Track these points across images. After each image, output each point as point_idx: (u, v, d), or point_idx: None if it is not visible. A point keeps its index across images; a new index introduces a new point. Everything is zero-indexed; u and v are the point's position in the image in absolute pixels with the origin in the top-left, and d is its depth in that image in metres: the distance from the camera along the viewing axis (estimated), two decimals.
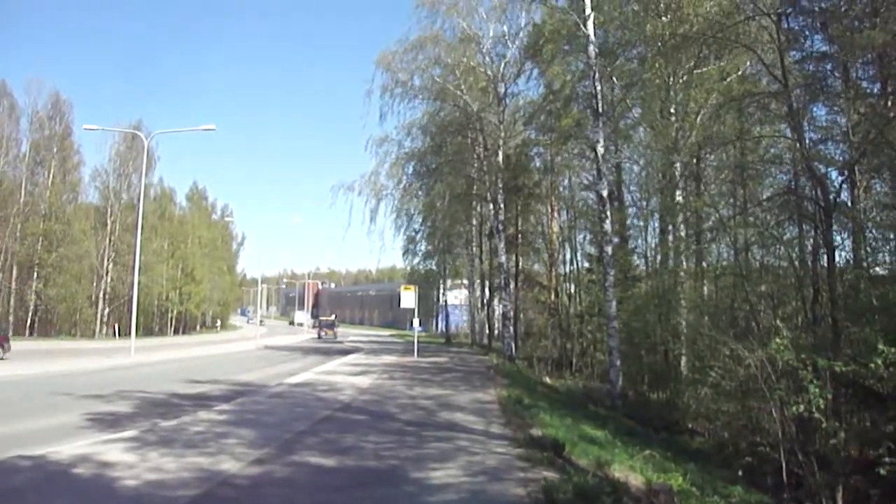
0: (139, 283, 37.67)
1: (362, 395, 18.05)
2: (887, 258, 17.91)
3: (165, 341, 57.53)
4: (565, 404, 19.97)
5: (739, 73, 22.80)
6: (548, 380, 28.15)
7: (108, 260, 61.68)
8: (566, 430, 13.09)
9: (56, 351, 35.72)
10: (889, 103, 17.69)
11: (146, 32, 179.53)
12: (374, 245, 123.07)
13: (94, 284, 60.73)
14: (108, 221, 62.27)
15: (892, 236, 17.37)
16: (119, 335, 57.70)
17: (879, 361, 11.62)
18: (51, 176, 58.02)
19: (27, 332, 53.83)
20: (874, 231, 17.91)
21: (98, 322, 60.70)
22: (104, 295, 61.10)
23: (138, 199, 39.04)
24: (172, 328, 79.24)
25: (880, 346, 11.64)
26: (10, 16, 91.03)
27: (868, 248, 18.04)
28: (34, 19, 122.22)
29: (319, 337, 66.13)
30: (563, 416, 15.40)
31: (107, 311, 61.49)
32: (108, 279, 61.55)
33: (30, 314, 55.40)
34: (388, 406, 15.89)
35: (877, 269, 17.82)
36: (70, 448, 9.59)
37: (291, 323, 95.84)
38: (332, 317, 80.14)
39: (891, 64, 17.65)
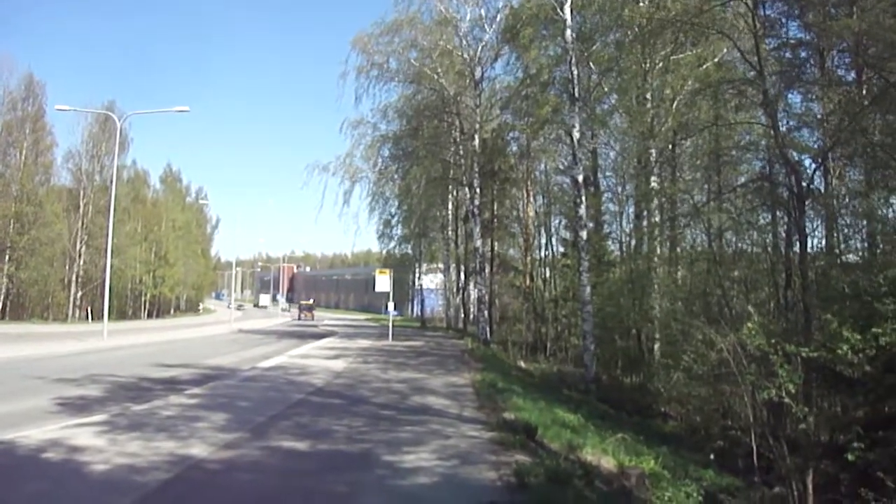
0: (112, 266, 37.28)
1: (336, 378, 18.01)
2: (859, 245, 18.08)
3: (139, 325, 57.24)
4: (539, 388, 20.04)
5: (716, 59, 22.84)
6: (522, 364, 28.19)
7: (80, 243, 60.92)
8: (539, 414, 13.13)
9: (28, 335, 35.32)
10: (864, 91, 17.81)
11: (120, 13, 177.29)
12: (349, 228, 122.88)
13: (67, 267, 60.05)
14: (81, 204, 61.40)
15: (863, 224, 17.52)
16: (92, 319, 57.11)
17: (846, 348, 11.73)
18: (23, 157, 56.90)
19: None
20: (846, 218, 18.06)
21: (71, 305, 60.03)
22: (77, 278, 60.43)
23: (111, 182, 38.59)
24: (146, 312, 78.64)
25: (846, 333, 11.74)
26: None
27: (840, 236, 18.20)
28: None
29: (299, 318, 74.44)
30: (536, 400, 15.44)
31: (80, 294, 60.80)
32: (81, 262, 60.82)
33: (1, 298, 54.61)
34: (362, 390, 15.86)
35: (848, 256, 17.99)
36: (40, 432, 9.47)
37: (255, 305, 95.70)
38: (311, 301, 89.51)
39: (867, 52, 17.74)
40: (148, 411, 11.79)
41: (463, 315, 50.78)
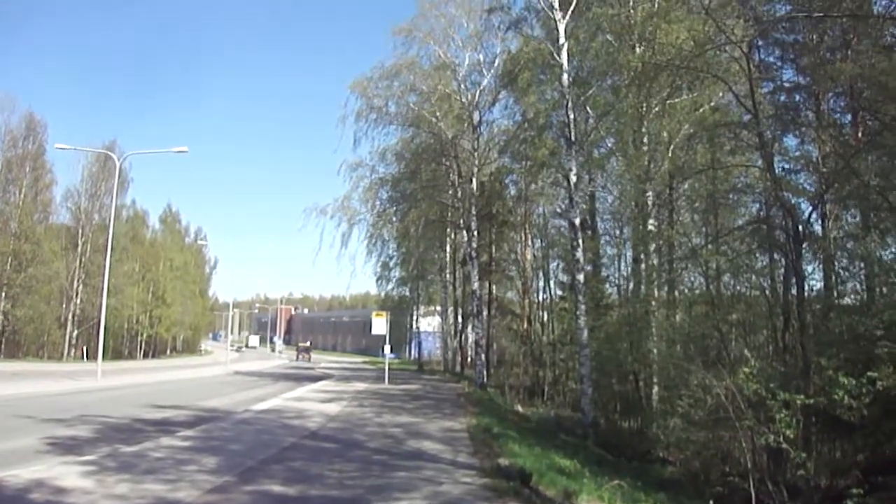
0: (109, 305, 37.13)
1: (330, 422, 17.80)
2: (856, 288, 18.03)
3: (134, 365, 56.86)
4: (536, 433, 19.85)
5: (711, 103, 23.00)
6: (519, 408, 28.02)
7: (78, 281, 60.93)
8: (535, 460, 12.97)
9: (22, 373, 35.06)
10: (859, 134, 17.91)
11: (122, 54, 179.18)
12: (345, 270, 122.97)
13: (64, 306, 60.00)
14: (79, 242, 61.61)
15: (860, 266, 17.49)
16: (87, 358, 56.89)
17: (842, 393, 11.64)
18: (22, 195, 57.27)
19: None
20: (843, 261, 18.04)
21: (66, 344, 59.86)
22: (73, 317, 60.34)
23: (110, 221, 38.60)
24: (142, 352, 78.32)
25: (842, 379, 11.66)
26: None
27: (837, 278, 18.17)
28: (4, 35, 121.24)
29: (297, 359, 79.12)
30: (532, 445, 15.28)
31: (75, 333, 60.67)
32: (78, 301, 60.75)
33: None
34: (356, 434, 15.66)
35: (846, 298, 17.94)
36: (27, 472, 9.33)
37: (245, 346, 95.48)
38: (308, 343, 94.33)
39: (861, 95, 17.87)
40: (138, 453, 11.61)
41: (460, 358, 50.54)
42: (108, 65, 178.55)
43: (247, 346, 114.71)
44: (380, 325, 34.48)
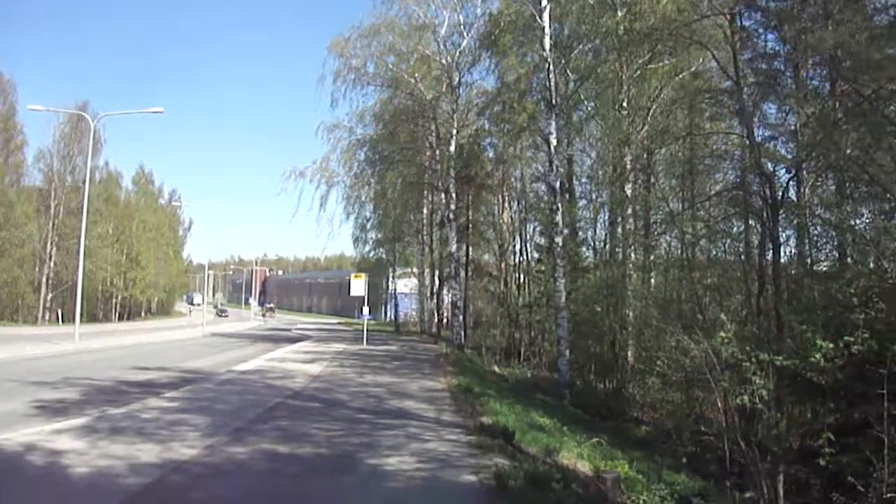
0: (84, 268, 36.89)
1: (313, 382, 18.03)
2: (829, 255, 18.38)
3: (110, 327, 56.70)
4: (514, 393, 20.16)
5: (692, 69, 23.13)
6: (496, 369, 28.32)
7: (51, 244, 60.31)
8: (515, 418, 13.28)
9: None
10: (837, 104, 18.12)
11: (96, 13, 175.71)
12: (324, 232, 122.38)
13: (37, 269, 59.44)
14: (52, 205, 60.84)
15: (834, 234, 17.81)
16: (62, 321, 56.57)
17: (819, 356, 11.95)
18: None
19: None
20: (818, 228, 18.35)
21: (41, 308, 59.44)
22: (47, 280, 59.83)
23: (83, 183, 38.26)
24: (117, 314, 77.90)
25: (819, 342, 11.97)
26: None
27: (812, 245, 18.50)
28: None
29: (264, 316, 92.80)
30: (512, 405, 15.58)
31: (50, 296, 60.20)
32: (52, 264, 60.21)
33: None
34: (340, 394, 15.89)
35: (820, 265, 18.29)
36: (19, 436, 9.45)
37: (220, 314, 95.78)
38: (272, 304, 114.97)
39: (841, 66, 18.05)
40: (126, 414, 11.77)
41: (437, 320, 50.84)
42: (79, 26, 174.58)
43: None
44: (358, 286, 34.62)
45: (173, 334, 46.50)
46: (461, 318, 37.99)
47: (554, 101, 24.50)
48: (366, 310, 37.16)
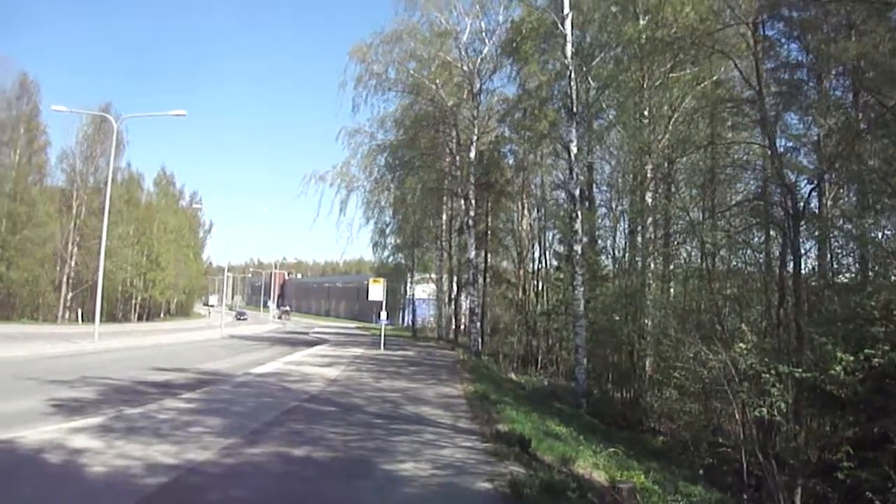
0: (104, 268, 37.13)
1: (330, 386, 18.05)
2: (851, 267, 18.23)
3: (129, 328, 57.01)
4: (531, 401, 20.11)
5: (714, 78, 23.03)
6: (513, 376, 28.27)
7: (72, 244, 60.75)
8: (532, 426, 13.23)
9: (18, 335, 35.16)
10: (860, 115, 17.99)
11: (119, 16, 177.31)
12: (343, 236, 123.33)
13: (58, 268, 59.87)
14: (74, 205, 61.35)
15: (855, 246, 17.67)
16: (82, 320, 56.98)
17: (839, 369, 11.86)
18: (17, 157, 56.95)
19: None
20: (840, 240, 18.21)
21: (61, 307, 59.86)
22: (68, 279, 60.26)
23: (105, 183, 38.53)
24: (136, 315, 78.36)
25: (840, 354, 11.87)
26: None
27: (833, 257, 18.36)
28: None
29: (280, 318, 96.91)
30: (528, 413, 15.54)
31: (70, 295, 60.62)
32: (73, 263, 60.64)
33: None
34: (356, 398, 15.89)
35: (841, 277, 18.15)
36: (37, 434, 9.49)
37: (239, 317, 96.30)
38: (287, 307, 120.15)
39: (864, 76, 17.93)
40: (143, 415, 11.81)
41: (454, 326, 50.76)
42: (103, 28, 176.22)
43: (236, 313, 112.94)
44: (377, 291, 34.65)
45: (192, 336, 46.73)
46: (479, 324, 37.92)
47: (575, 109, 24.46)
48: (383, 315, 37.20)
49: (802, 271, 17.29)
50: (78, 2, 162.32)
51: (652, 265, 24.42)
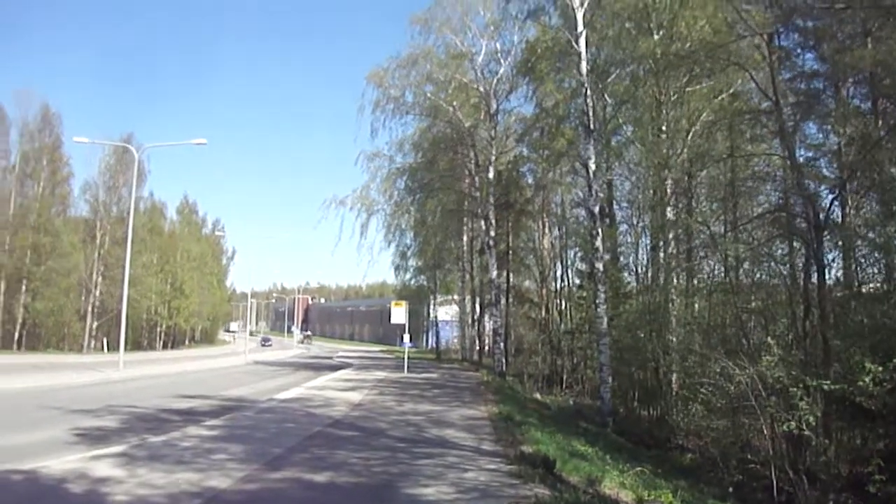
0: (128, 296, 37.38)
1: (353, 410, 17.97)
2: (876, 276, 17.99)
3: (154, 356, 57.30)
4: (556, 421, 19.94)
5: (731, 90, 22.92)
6: (538, 396, 28.08)
7: (97, 273, 61.17)
8: (557, 447, 13.10)
9: (44, 365, 35.39)
10: (880, 122, 17.83)
11: (140, 45, 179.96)
12: (364, 260, 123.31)
13: (83, 298, 60.26)
14: (98, 235, 61.81)
15: (880, 255, 17.45)
16: (108, 349, 57.35)
17: (868, 380, 11.67)
18: (40, 188, 57.69)
19: (14, 346, 53.48)
20: (864, 249, 17.99)
21: (87, 336, 60.20)
22: (93, 308, 60.64)
23: (128, 213, 38.87)
24: (161, 342, 78.81)
25: (868, 365, 11.68)
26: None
27: (858, 267, 18.12)
28: (24, 30, 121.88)
29: (302, 342, 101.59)
30: (553, 433, 15.39)
31: (95, 324, 60.98)
32: (97, 293, 61.04)
33: (17, 328, 54.88)
34: (379, 422, 15.80)
35: (867, 287, 17.91)
36: (60, 463, 9.53)
37: (264, 343, 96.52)
38: (308, 332, 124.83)
39: (882, 83, 17.78)
40: (166, 442, 11.81)
41: (478, 347, 50.61)
42: (122, 57, 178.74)
43: (261, 339, 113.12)
44: (399, 314, 34.59)
45: (217, 362, 46.88)
46: (502, 345, 37.76)
47: (592, 126, 24.40)
48: (406, 337, 37.15)
49: (828, 282, 17.09)
50: (94, 31, 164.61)
51: (675, 280, 24.21)
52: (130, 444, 11.48)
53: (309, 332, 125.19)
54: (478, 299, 51.05)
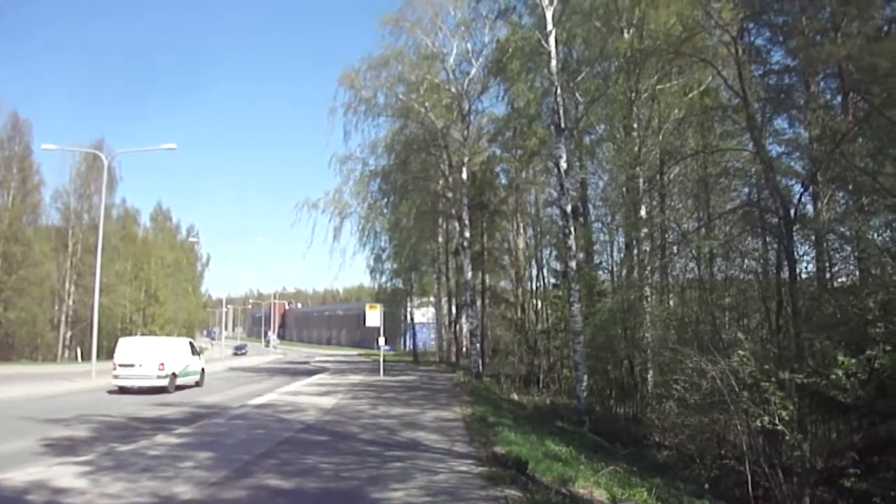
0: (101, 305, 36.93)
1: (325, 415, 17.81)
2: (848, 269, 18.07)
3: None
4: (531, 421, 19.85)
5: (701, 87, 22.98)
6: (515, 396, 27.98)
7: (69, 282, 60.52)
8: (530, 447, 13.00)
9: (17, 375, 34.80)
10: (850, 116, 17.91)
11: (108, 50, 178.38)
12: (337, 264, 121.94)
13: (56, 307, 59.63)
14: (70, 243, 61.06)
15: (853, 247, 17.52)
16: (82, 359, 56.64)
17: (840, 372, 11.66)
18: (10, 197, 56.95)
19: None
20: (835, 243, 18.05)
21: (60, 346, 59.53)
22: (66, 318, 59.96)
23: (99, 220, 38.38)
24: None
25: (840, 357, 11.68)
26: None
27: (829, 260, 18.19)
28: None
29: (267, 345, 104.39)
30: (528, 433, 15.29)
31: (69, 334, 60.30)
32: (70, 302, 60.39)
33: None
34: (351, 426, 15.66)
35: (838, 280, 17.98)
36: (23, 474, 9.36)
37: (238, 352, 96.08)
38: (276, 336, 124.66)
39: (850, 77, 17.87)
40: (134, 451, 11.62)
41: (455, 348, 50.50)
42: (94, 65, 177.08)
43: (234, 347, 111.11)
44: (374, 317, 34.42)
45: None
46: (479, 346, 37.64)
47: (563, 125, 24.33)
48: (382, 340, 37.02)
49: (802, 276, 17.13)
50: (64, 35, 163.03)
51: (649, 277, 24.21)
52: (98, 454, 11.33)
53: (276, 336, 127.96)
54: (454, 301, 50.95)
